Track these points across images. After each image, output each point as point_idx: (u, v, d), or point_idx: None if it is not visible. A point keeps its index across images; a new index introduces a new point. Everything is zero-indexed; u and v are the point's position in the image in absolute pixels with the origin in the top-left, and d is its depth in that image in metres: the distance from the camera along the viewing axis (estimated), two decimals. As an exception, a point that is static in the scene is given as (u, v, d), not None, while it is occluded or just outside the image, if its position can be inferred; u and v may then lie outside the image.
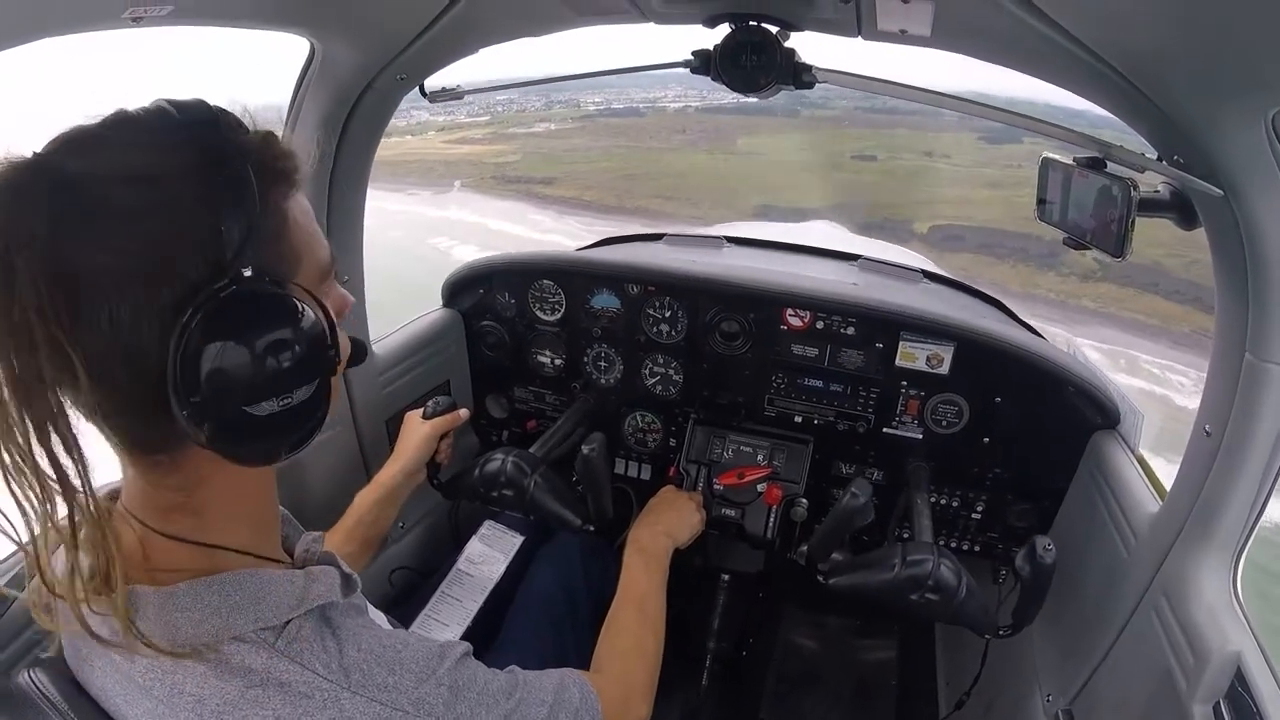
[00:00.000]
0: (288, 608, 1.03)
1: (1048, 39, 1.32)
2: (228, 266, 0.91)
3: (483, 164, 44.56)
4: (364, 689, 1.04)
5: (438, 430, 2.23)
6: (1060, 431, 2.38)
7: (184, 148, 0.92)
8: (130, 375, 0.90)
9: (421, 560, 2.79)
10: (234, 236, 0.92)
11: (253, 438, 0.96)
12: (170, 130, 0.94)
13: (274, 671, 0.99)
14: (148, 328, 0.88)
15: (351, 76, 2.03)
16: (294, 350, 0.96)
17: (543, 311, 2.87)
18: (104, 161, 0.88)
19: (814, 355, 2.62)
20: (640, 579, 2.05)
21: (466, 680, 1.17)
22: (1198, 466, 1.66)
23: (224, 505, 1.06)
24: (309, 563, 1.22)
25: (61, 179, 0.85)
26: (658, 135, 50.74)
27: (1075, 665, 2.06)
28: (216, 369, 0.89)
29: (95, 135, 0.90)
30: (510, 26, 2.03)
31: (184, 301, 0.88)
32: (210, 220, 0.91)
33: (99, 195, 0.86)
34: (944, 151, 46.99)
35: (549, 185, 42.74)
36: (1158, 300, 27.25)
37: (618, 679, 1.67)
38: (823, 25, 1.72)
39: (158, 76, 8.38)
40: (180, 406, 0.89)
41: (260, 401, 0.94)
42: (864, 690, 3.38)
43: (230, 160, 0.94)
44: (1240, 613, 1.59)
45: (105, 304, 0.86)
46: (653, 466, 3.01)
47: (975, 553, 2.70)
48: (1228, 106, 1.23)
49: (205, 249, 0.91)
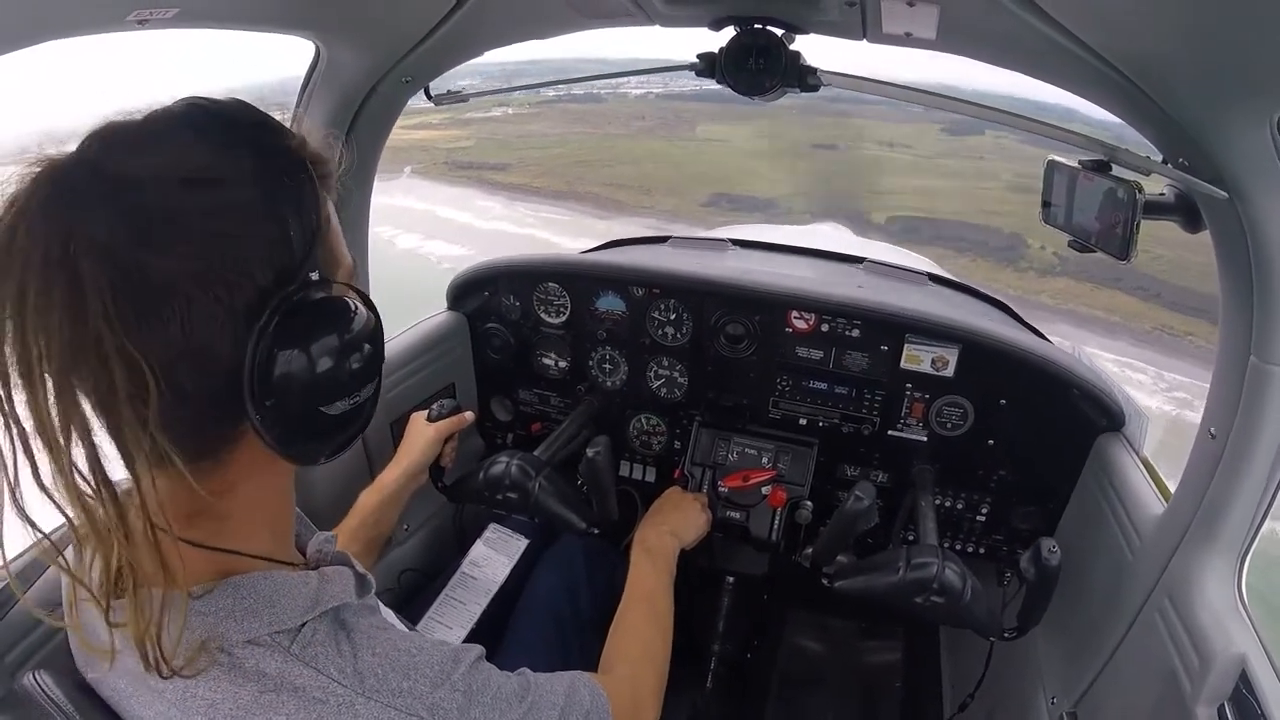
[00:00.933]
0: (302, 610, 1.03)
1: (1053, 42, 1.32)
2: (296, 270, 0.94)
3: (435, 149, 44.03)
4: (379, 694, 1.03)
5: (443, 433, 2.23)
6: (1065, 434, 2.38)
7: (239, 149, 0.93)
8: (197, 382, 0.90)
9: (426, 563, 2.79)
10: (300, 240, 0.95)
11: (322, 437, 1.02)
12: (221, 131, 0.94)
13: (288, 676, 0.99)
14: (220, 333, 0.89)
15: (357, 79, 2.03)
16: (363, 349, 1.01)
17: (548, 314, 2.87)
18: (161, 162, 0.87)
19: (819, 358, 2.62)
20: (648, 579, 2.05)
21: (480, 684, 1.16)
22: (1202, 469, 1.66)
23: (251, 509, 1.06)
24: (322, 563, 1.21)
25: (121, 180, 0.85)
26: (616, 122, 50.23)
27: (1079, 668, 2.06)
28: (295, 371, 0.93)
29: (144, 134, 0.90)
30: (515, 29, 2.03)
31: (256, 306, 0.90)
32: (278, 224, 0.93)
33: (164, 197, 0.86)
34: (905, 142, 46.71)
35: (501, 171, 42.10)
36: (1119, 295, 26.66)
37: (627, 681, 1.66)
38: (828, 28, 1.72)
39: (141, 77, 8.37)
40: (255, 410, 0.91)
41: (335, 401, 0.99)
42: (868, 692, 3.38)
43: (291, 163, 0.97)
44: (1245, 615, 1.59)
45: (176, 310, 0.86)
46: (657, 469, 3.01)
47: (980, 555, 2.69)
48: (1233, 109, 1.23)
49: (273, 252, 0.93)
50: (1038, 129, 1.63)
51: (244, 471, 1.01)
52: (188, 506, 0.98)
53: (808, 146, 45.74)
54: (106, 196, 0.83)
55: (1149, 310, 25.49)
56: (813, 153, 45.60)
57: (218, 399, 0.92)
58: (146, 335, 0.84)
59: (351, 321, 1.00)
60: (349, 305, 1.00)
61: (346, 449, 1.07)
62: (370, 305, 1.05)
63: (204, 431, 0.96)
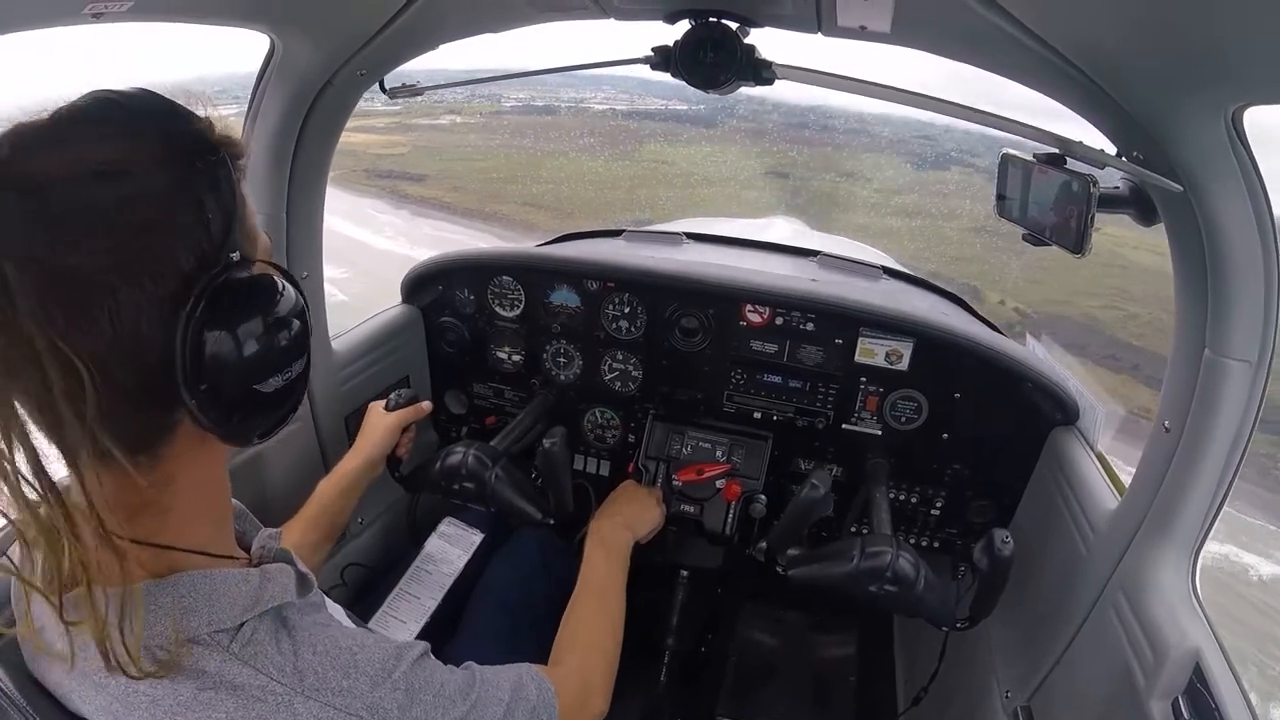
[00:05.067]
0: (242, 609, 1.02)
1: (1007, 34, 1.32)
2: (216, 253, 0.94)
3: (363, 155, 43.12)
4: (318, 693, 1.02)
5: (401, 422, 2.23)
6: (1019, 428, 2.40)
7: (148, 138, 0.92)
8: (130, 373, 0.89)
9: (378, 557, 2.78)
10: (218, 223, 0.95)
11: (259, 415, 1.03)
12: (128, 121, 0.93)
13: (227, 674, 0.98)
14: (147, 323, 0.88)
15: (311, 73, 2.00)
16: (290, 325, 1.02)
17: (502, 308, 2.86)
18: (70, 159, 0.86)
19: (773, 351, 2.63)
20: (600, 570, 2.05)
21: (423, 682, 1.15)
22: (1157, 463, 1.67)
23: (190, 501, 1.05)
24: (265, 560, 1.19)
25: (32, 181, 0.84)
26: (562, 138, 49.67)
27: (1034, 662, 2.07)
28: (226, 353, 0.93)
29: (51, 132, 0.88)
30: (470, 23, 2.01)
31: (181, 292, 0.90)
32: (194, 209, 0.92)
33: (77, 194, 0.85)
34: (865, 174, 46.21)
35: (418, 183, 41.04)
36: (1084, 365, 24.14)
37: (576, 673, 1.67)
38: (782, 21, 1.71)
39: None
40: (190, 395, 0.92)
41: (269, 379, 1.00)
42: (822, 685, 3.41)
43: (201, 148, 0.96)
44: (1199, 609, 1.60)
45: (103, 305, 0.85)
46: (612, 463, 3.02)
47: (934, 549, 2.72)
48: (1187, 102, 1.24)
49: (191, 237, 0.92)
50: (991, 121, 1.62)
51: (181, 462, 1.00)
52: (130, 503, 0.97)
53: (758, 174, 45.29)
54: (21, 199, 0.83)
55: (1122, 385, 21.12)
56: (763, 181, 45.16)
57: (151, 388, 0.91)
58: (77, 333, 0.84)
59: (278, 298, 1.01)
60: (274, 283, 1.01)
61: (283, 425, 1.08)
62: (293, 281, 1.06)
63: (141, 423, 0.95)
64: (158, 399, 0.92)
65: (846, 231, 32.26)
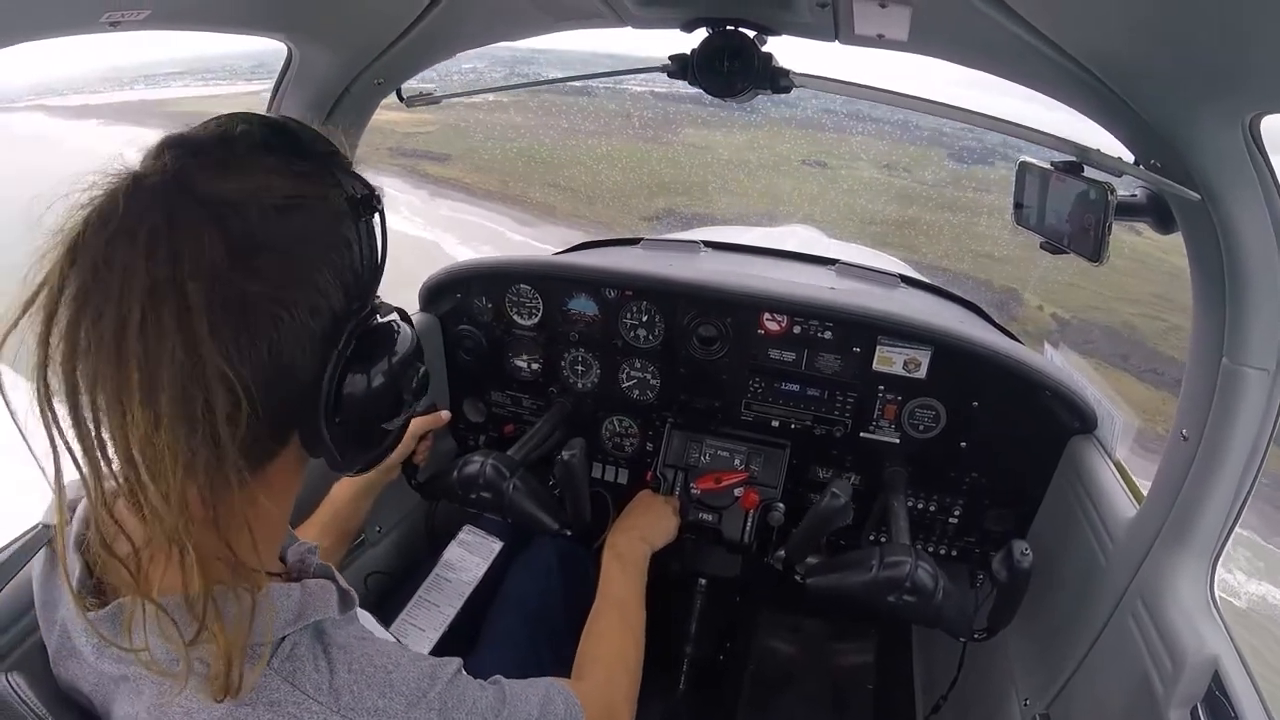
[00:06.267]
0: (284, 623, 1.01)
1: (1025, 43, 1.32)
2: (362, 294, 1.02)
3: (389, 133, 42.50)
4: (354, 713, 1.01)
5: (419, 429, 2.22)
6: (1037, 436, 2.39)
7: (322, 177, 0.98)
8: (272, 400, 0.92)
9: (398, 564, 2.78)
10: (368, 266, 1.03)
11: (376, 449, 1.13)
12: (305, 157, 0.98)
13: (265, 690, 0.97)
14: (301, 354, 0.93)
15: (328, 81, 2.01)
16: (417, 367, 1.12)
17: (520, 316, 2.86)
18: (253, 187, 0.90)
19: (791, 359, 2.62)
20: (619, 584, 2.06)
21: (456, 701, 1.14)
22: (1175, 471, 1.67)
23: (266, 520, 1.05)
24: (304, 574, 1.19)
25: (219, 202, 0.87)
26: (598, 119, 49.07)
27: (1052, 670, 2.06)
28: (367, 390, 1.01)
29: (226, 155, 0.92)
30: (487, 31, 2.03)
31: (330, 329, 0.96)
32: (350, 250, 0.99)
33: (262, 224, 0.89)
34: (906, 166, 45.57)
35: (440, 163, 40.42)
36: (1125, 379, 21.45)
37: (601, 687, 1.67)
38: (800, 30, 1.72)
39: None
40: (327, 427, 0.98)
41: (394, 418, 1.09)
42: (841, 694, 3.39)
43: (362, 193, 1.02)
44: (1217, 618, 1.59)
45: (266, 333, 0.89)
46: (630, 471, 3.00)
47: (952, 557, 2.70)
48: (1204, 110, 1.24)
49: (345, 278, 0.98)
50: (1009, 129, 1.63)
51: (272, 483, 1.03)
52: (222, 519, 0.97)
53: (796, 163, 44.78)
54: (208, 219, 0.85)
55: (1162, 403, 17.54)
56: (800, 170, 44.66)
57: (283, 415, 0.96)
58: (242, 357, 0.87)
59: (408, 343, 1.09)
60: (404, 328, 1.10)
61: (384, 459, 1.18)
62: (410, 323, 1.12)
63: (253, 450, 0.95)
64: (283, 424, 0.98)
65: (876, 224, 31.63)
